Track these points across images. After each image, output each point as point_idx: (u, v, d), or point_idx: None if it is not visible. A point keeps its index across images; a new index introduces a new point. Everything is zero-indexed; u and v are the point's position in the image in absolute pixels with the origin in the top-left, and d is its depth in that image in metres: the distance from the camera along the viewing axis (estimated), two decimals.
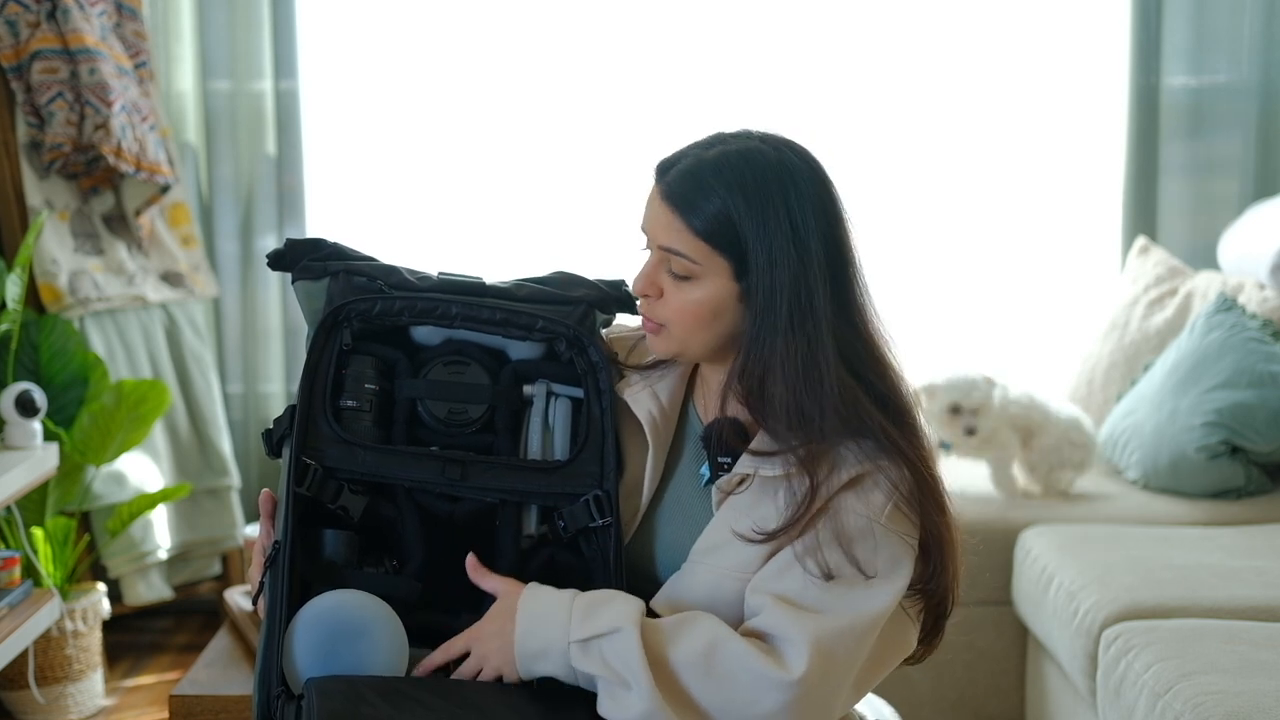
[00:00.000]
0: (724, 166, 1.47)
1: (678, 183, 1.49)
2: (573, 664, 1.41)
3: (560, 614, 1.42)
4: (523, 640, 1.42)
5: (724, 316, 1.50)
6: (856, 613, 1.43)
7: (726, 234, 1.46)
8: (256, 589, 1.52)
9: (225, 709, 2.13)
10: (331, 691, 1.36)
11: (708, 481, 1.54)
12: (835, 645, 1.41)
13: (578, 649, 1.40)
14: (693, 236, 1.47)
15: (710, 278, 1.48)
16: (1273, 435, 2.99)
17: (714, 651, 1.40)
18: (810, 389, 1.45)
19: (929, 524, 1.47)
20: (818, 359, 1.45)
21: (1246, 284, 3.26)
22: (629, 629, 1.39)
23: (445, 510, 1.52)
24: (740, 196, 1.46)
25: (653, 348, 1.56)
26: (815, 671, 1.39)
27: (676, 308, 1.50)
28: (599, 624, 1.40)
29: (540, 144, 3.81)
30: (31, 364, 3.17)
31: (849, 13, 3.75)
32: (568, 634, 1.41)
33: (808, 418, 1.45)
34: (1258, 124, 3.68)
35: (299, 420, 1.48)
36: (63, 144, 3.27)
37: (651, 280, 1.52)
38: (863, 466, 1.46)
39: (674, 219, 1.48)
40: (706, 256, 1.47)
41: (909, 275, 3.73)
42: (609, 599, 1.44)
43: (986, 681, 2.95)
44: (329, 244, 1.57)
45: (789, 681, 1.38)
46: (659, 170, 1.53)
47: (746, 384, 1.49)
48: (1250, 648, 2.11)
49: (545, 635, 1.42)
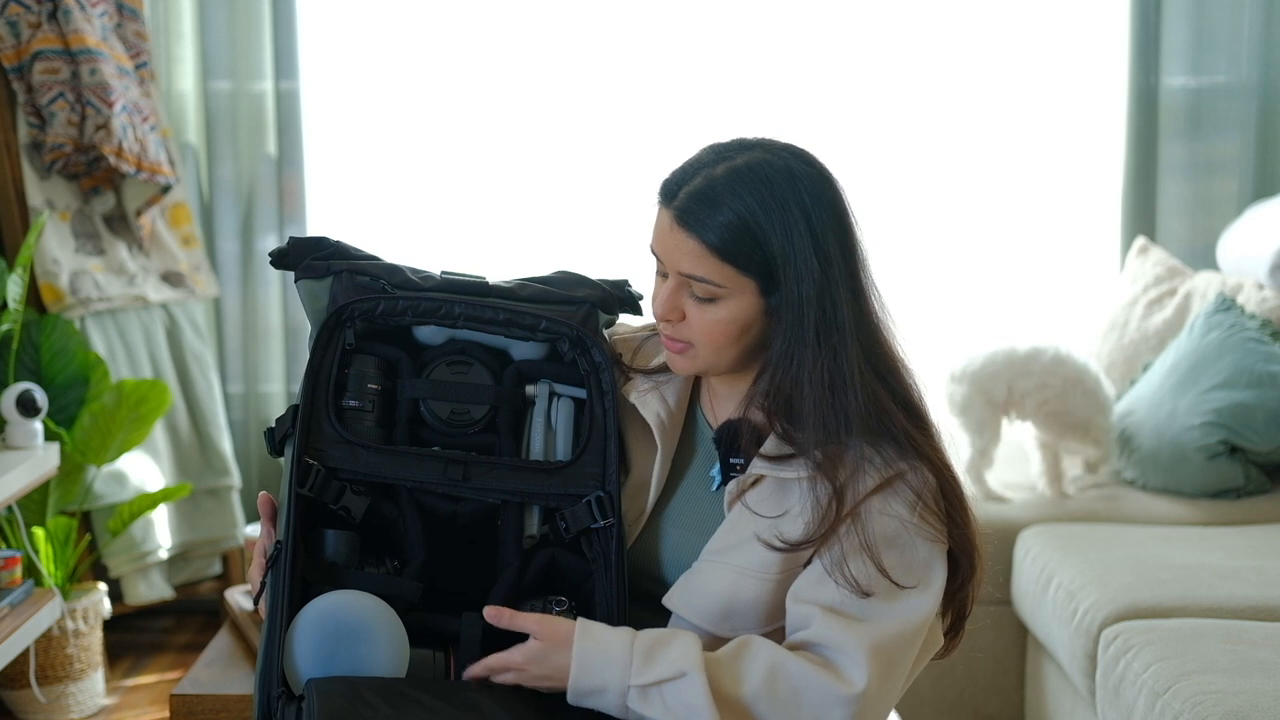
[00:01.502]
0: (736, 183, 1.44)
1: (690, 205, 1.45)
2: (629, 704, 1.40)
3: (620, 655, 1.40)
4: (578, 679, 1.40)
5: (751, 331, 1.49)
6: (905, 618, 1.44)
7: (749, 253, 1.44)
8: (258, 589, 1.52)
9: (226, 708, 2.13)
10: (331, 692, 1.36)
11: (720, 484, 1.54)
12: (891, 653, 1.42)
13: (638, 694, 1.39)
14: (715, 260, 1.44)
15: (736, 297, 1.46)
16: (1271, 435, 2.99)
17: (775, 676, 1.40)
18: (837, 399, 1.44)
19: (955, 525, 1.48)
20: (844, 368, 1.44)
21: (1246, 284, 3.27)
22: (694, 674, 1.38)
23: (447, 511, 1.52)
24: (759, 213, 1.43)
25: (677, 369, 1.54)
26: (875, 682, 1.40)
27: (703, 328, 1.48)
28: (662, 669, 1.39)
29: (542, 143, 3.81)
30: (32, 364, 3.17)
31: (849, 13, 3.75)
32: (628, 677, 1.40)
33: (834, 428, 1.45)
34: (1257, 124, 3.68)
35: (301, 420, 1.48)
36: (64, 144, 3.27)
37: (673, 305, 1.49)
38: (887, 471, 1.46)
39: (693, 244, 1.45)
40: (731, 278, 1.45)
41: (908, 275, 3.73)
42: (669, 640, 1.42)
43: (986, 681, 2.96)
44: (332, 243, 1.57)
45: (852, 696, 1.39)
46: (665, 194, 1.49)
47: (775, 399, 1.47)
48: (1249, 647, 2.11)
49: (602, 676, 1.40)
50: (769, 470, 1.49)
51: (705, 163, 1.48)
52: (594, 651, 1.41)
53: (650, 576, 1.57)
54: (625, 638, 1.42)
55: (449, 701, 1.39)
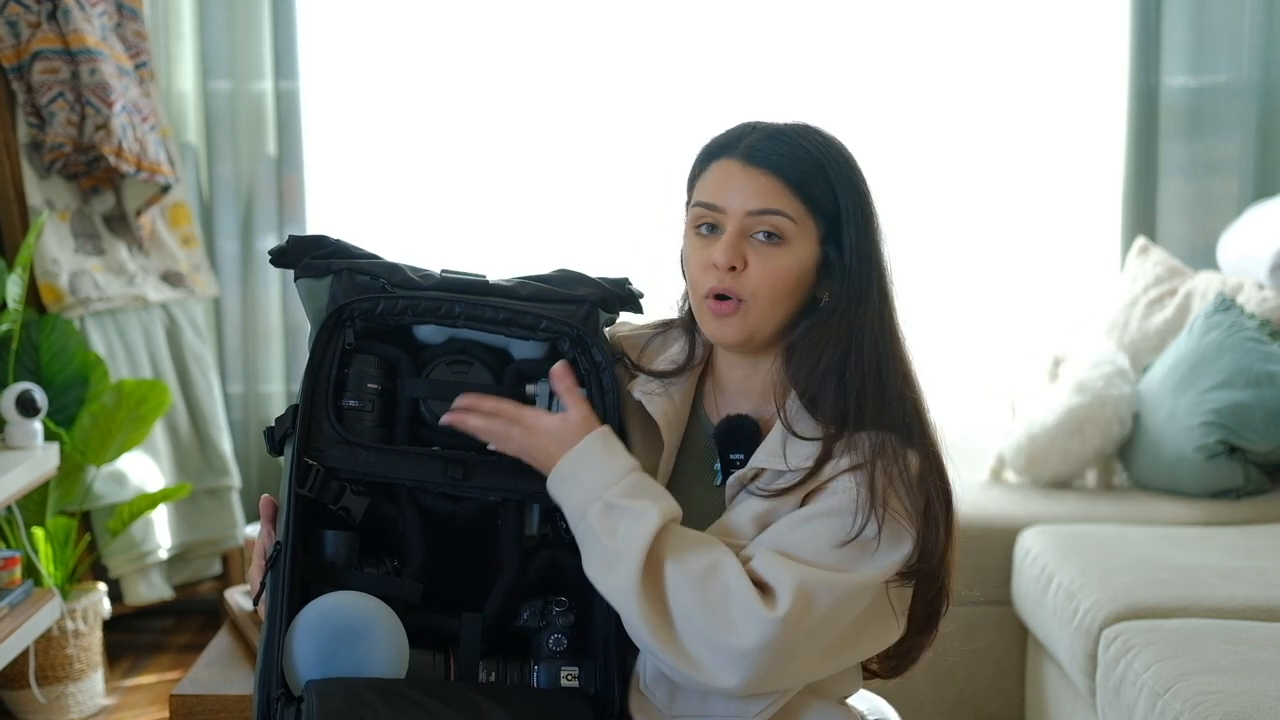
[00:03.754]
0: (803, 131, 1.51)
1: (764, 144, 1.49)
2: (587, 513, 1.43)
3: (615, 471, 1.44)
4: (567, 462, 1.44)
5: (800, 290, 1.51)
6: (845, 573, 1.44)
7: (822, 191, 1.49)
8: (257, 590, 1.52)
9: (225, 709, 2.13)
10: (330, 693, 1.36)
11: (723, 480, 1.54)
12: (818, 593, 1.41)
13: (601, 507, 1.43)
14: (790, 194, 1.48)
15: (800, 240, 1.49)
16: (1270, 435, 2.99)
17: (714, 572, 1.41)
18: (883, 361, 1.49)
19: (931, 509, 1.47)
20: (887, 330, 1.50)
21: (1246, 284, 3.26)
22: (653, 515, 1.41)
23: (447, 510, 1.52)
24: (828, 159, 1.49)
25: (721, 336, 1.53)
26: (795, 614, 1.39)
27: (764, 277, 1.49)
28: (634, 501, 1.43)
29: (541, 141, 3.81)
30: (32, 364, 3.17)
31: (849, 13, 3.75)
32: (605, 490, 1.43)
33: (873, 394, 1.47)
34: (1258, 124, 3.68)
35: (301, 420, 1.47)
36: (63, 144, 3.27)
37: (738, 250, 1.49)
38: (870, 453, 1.47)
39: (767, 179, 1.48)
40: (802, 214, 1.49)
41: (908, 275, 3.72)
42: (660, 493, 1.46)
43: (986, 681, 2.95)
44: (331, 241, 1.56)
45: (773, 619, 1.39)
46: (722, 146, 1.53)
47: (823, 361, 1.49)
48: (1250, 647, 2.11)
49: (588, 475, 1.44)
50: (769, 463, 1.49)
51: (757, 122, 1.54)
52: (595, 453, 1.45)
53: None
54: (630, 463, 1.46)
55: (448, 702, 1.39)
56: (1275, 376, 3.02)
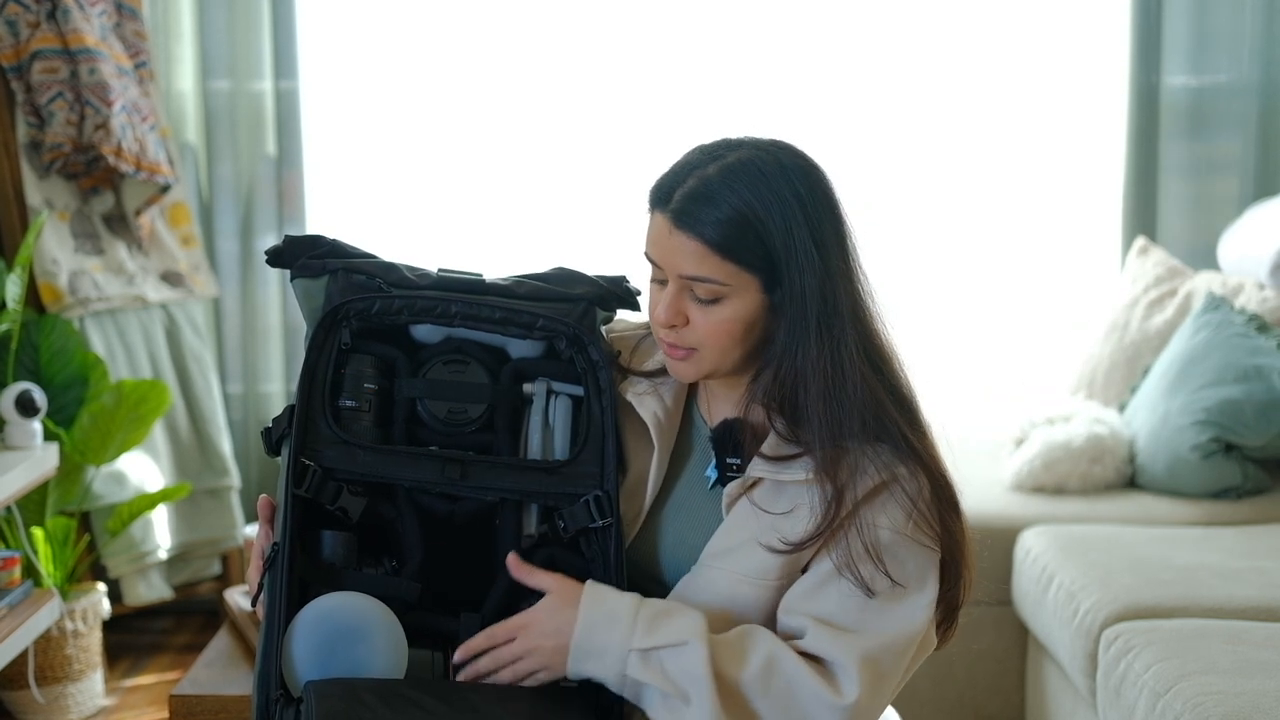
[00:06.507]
0: (731, 179, 1.43)
1: (688, 205, 1.44)
2: (627, 671, 1.41)
3: (625, 618, 1.42)
4: (581, 637, 1.41)
5: (755, 329, 1.48)
6: (898, 630, 1.44)
7: (751, 247, 1.43)
8: (256, 590, 1.52)
9: (225, 709, 2.13)
10: (329, 694, 1.36)
11: (715, 483, 1.54)
12: (882, 664, 1.42)
13: (638, 657, 1.40)
14: (717, 259, 1.43)
15: (739, 295, 1.45)
16: (1261, 429, 2.97)
17: (773, 668, 1.41)
18: (840, 392, 1.44)
19: (947, 529, 1.48)
20: (843, 358, 1.44)
21: (1246, 284, 3.26)
22: (696, 643, 1.39)
23: (445, 510, 1.52)
24: (757, 206, 1.42)
25: (681, 376, 1.53)
26: (866, 694, 1.41)
27: (708, 331, 1.47)
28: (665, 635, 1.40)
29: (540, 141, 3.81)
30: (31, 364, 3.17)
31: (848, 12, 3.75)
32: (630, 641, 1.40)
33: (837, 422, 1.44)
34: (1258, 124, 3.68)
35: (297, 421, 1.47)
36: (63, 144, 3.27)
37: (676, 309, 1.47)
38: (881, 476, 1.46)
39: (693, 244, 1.44)
40: (733, 275, 1.44)
41: (908, 275, 3.73)
42: (673, 610, 1.43)
43: (986, 681, 2.95)
44: (327, 241, 1.56)
45: (843, 706, 1.39)
46: (658, 198, 1.48)
47: (780, 395, 1.47)
48: (1250, 648, 2.11)
49: (606, 637, 1.41)
50: (768, 473, 1.48)
51: (695, 164, 1.47)
52: (600, 611, 1.42)
53: (649, 575, 1.56)
54: (632, 601, 1.43)
55: (447, 703, 1.39)
56: (1263, 370, 2.99)
